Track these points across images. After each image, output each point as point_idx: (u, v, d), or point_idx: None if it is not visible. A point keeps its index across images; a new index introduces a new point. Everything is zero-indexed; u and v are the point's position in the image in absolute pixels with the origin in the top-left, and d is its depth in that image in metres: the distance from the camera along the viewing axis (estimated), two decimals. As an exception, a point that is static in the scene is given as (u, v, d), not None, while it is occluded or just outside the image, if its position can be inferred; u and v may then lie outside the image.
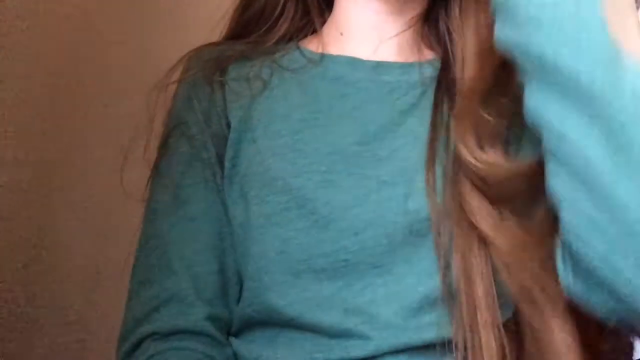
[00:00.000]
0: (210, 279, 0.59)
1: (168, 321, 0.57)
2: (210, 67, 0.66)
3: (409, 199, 0.56)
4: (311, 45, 0.69)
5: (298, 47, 0.69)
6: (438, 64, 0.66)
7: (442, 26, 0.69)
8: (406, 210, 0.56)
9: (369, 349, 0.55)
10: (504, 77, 0.58)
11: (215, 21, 0.71)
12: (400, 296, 0.55)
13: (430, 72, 0.65)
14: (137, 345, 0.57)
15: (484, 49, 0.60)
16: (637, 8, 2.01)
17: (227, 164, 0.62)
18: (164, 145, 0.64)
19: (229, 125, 0.63)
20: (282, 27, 0.71)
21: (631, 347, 1.41)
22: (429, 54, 0.68)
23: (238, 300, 0.61)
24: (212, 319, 0.58)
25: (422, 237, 0.55)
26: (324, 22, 0.72)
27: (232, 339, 0.62)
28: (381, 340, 0.54)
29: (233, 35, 0.71)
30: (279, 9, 0.70)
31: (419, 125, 0.61)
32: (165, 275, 0.58)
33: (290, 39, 0.72)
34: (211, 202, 0.61)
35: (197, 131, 0.62)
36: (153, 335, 0.57)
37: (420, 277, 0.56)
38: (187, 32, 1.02)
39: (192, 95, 0.64)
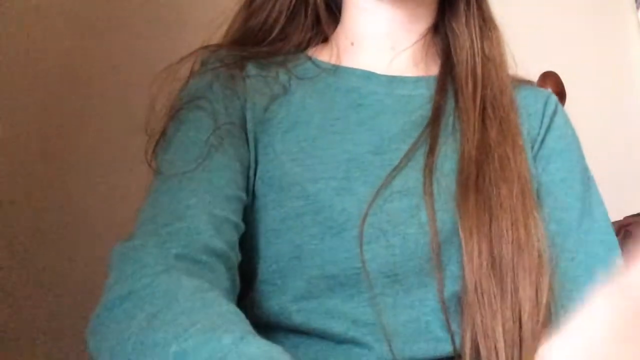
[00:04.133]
0: (227, 226, 0.53)
1: (186, 244, 0.49)
2: (229, 62, 0.64)
3: (422, 210, 0.56)
4: (322, 55, 0.68)
5: (309, 58, 0.67)
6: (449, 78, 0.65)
7: (448, 30, 0.68)
8: (419, 221, 0.55)
9: (372, 359, 0.54)
10: None
11: (216, 25, 0.70)
12: (409, 308, 0.55)
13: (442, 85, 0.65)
14: (158, 255, 0.48)
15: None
16: (637, 8, 2.01)
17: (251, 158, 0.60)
18: (175, 117, 0.59)
19: (245, 118, 0.61)
20: (294, 37, 0.69)
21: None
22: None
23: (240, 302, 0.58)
24: (226, 262, 0.52)
25: (434, 249, 0.55)
26: (334, 31, 0.70)
27: None
28: (385, 352, 0.53)
29: (235, 42, 0.69)
30: (282, 20, 0.68)
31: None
32: (181, 211, 0.52)
33: (304, 49, 0.70)
34: (229, 160, 0.57)
35: (218, 105, 0.59)
36: (176, 256, 0.49)
37: (430, 289, 0.55)
38: (188, 36, 1.02)
39: (214, 80, 0.62)
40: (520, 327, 0.53)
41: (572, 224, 0.60)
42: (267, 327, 0.57)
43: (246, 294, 0.59)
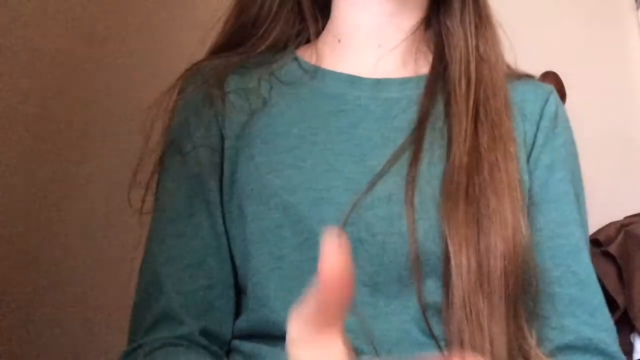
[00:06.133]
0: (199, 296, 0.58)
1: (164, 337, 0.56)
2: (209, 80, 0.63)
3: (403, 219, 0.54)
4: (308, 54, 0.66)
5: (295, 58, 0.66)
6: (440, 77, 0.64)
7: (442, 27, 0.66)
8: (399, 231, 0.54)
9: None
10: None
11: (210, 25, 0.70)
12: (390, 315, 0.54)
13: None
14: (134, 350, 0.56)
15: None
16: (637, 8, 2.01)
17: (225, 181, 0.60)
18: (160, 163, 0.63)
19: (223, 138, 0.61)
20: (273, 34, 0.68)
21: (631, 347, 1.41)
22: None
23: (235, 314, 0.60)
24: (205, 333, 0.57)
25: (413, 259, 0.54)
26: (319, 30, 0.69)
27: (234, 340, 0.61)
28: (376, 355, 0.52)
29: (226, 41, 0.68)
30: (272, 15, 0.67)
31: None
32: (157, 294, 0.57)
33: (286, 46, 0.68)
34: (199, 218, 0.60)
35: (190, 147, 0.61)
36: (153, 349, 0.55)
37: (410, 298, 0.54)
38: (185, 35, 1.01)
39: (188, 110, 0.63)
40: (510, 345, 0.52)
41: (579, 241, 0.59)
42: (261, 335, 0.57)
43: (242, 304, 0.60)
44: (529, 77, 0.67)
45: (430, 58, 0.66)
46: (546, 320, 0.56)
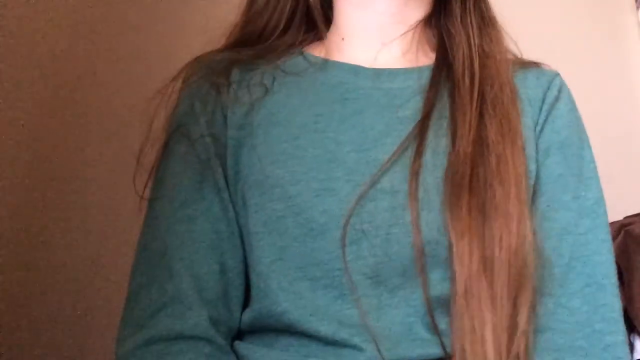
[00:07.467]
0: (212, 280, 0.57)
1: (169, 325, 0.54)
2: (215, 69, 0.64)
3: (407, 210, 0.54)
4: (314, 51, 0.68)
5: (302, 54, 0.67)
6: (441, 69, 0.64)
7: (443, 30, 0.67)
8: (404, 222, 0.54)
9: (362, 359, 0.53)
10: None
11: (218, 29, 0.70)
12: (393, 309, 0.54)
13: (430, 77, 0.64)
14: (138, 348, 0.54)
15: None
16: (637, 8, 2.01)
17: (229, 172, 0.60)
18: (165, 149, 0.62)
19: (227, 127, 0.61)
20: (288, 41, 0.69)
21: (631, 347, 1.41)
22: (433, 57, 0.66)
23: (243, 302, 0.60)
24: (213, 321, 0.56)
25: (418, 251, 0.53)
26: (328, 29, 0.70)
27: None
28: (375, 352, 0.52)
29: (233, 46, 0.69)
30: (282, 25, 0.68)
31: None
32: (166, 277, 0.56)
33: (294, 45, 0.69)
34: (210, 203, 0.59)
35: (197, 133, 0.61)
36: (155, 341, 0.54)
37: (415, 290, 0.54)
38: (188, 39, 1.01)
39: (194, 98, 0.63)
40: (512, 334, 0.52)
41: (568, 224, 0.58)
42: (260, 329, 0.57)
43: (250, 297, 0.60)
44: (534, 64, 0.67)
45: (430, 52, 0.67)
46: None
